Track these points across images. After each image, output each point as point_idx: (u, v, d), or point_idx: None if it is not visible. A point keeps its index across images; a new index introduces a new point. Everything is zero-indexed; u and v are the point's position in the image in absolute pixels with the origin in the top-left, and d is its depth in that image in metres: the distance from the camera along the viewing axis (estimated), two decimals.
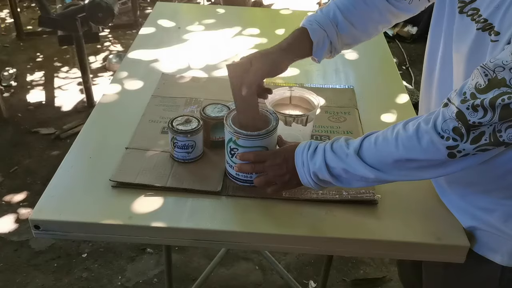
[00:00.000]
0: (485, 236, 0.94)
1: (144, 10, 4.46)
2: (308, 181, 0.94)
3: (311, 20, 1.05)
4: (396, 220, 1.01)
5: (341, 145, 0.90)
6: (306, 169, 0.93)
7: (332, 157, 0.90)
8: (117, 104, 1.35)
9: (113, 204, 1.02)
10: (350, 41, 1.10)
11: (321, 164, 0.90)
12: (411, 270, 1.31)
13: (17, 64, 3.58)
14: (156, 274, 2.06)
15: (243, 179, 1.05)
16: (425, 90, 1.04)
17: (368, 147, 0.87)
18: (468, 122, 0.74)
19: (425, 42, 1.04)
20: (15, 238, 2.21)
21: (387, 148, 0.85)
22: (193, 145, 1.09)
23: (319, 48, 1.05)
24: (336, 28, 1.05)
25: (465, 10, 0.82)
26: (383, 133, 0.87)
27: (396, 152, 0.83)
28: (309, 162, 0.92)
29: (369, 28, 1.10)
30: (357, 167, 0.87)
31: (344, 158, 0.89)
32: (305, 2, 4.54)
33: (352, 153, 0.87)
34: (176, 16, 1.90)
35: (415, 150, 0.81)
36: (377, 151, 0.86)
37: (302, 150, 0.94)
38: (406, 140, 0.82)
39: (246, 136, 0.99)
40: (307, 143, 0.95)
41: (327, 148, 0.91)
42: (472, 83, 0.74)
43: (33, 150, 2.75)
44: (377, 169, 0.86)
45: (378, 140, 0.86)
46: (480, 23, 0.78)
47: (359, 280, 2.07)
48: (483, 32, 0.78)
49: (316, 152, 0.92)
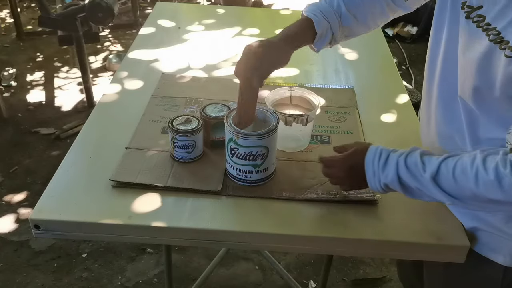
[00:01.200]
0: (487, 237, 0.94)
1: (144, 10, 4.45)
2: (377, 189, 0.92)
3: (315, 10, 1.03)
4: (396, 220, 1.01)
5: (416, 162, 0.86)
6: (377, 179, 0.90)
7: (406, 174, 0.87)
8: (117, 104, 1.35)
9: (113, 203, 1.02)
10: (350, 33, 1.09)
11: (393, 178, 0.88)
12: (411, 270, 1.31)
13: (17, 64, 3.57)
14: (156, 274, 2.06)
15: (243, 178, 1.05)
16: (427, 89, 1.03)
17: (446, 175, 0.83)
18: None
19: (425, 42, 1.03)
20: (15, 238, 2.21)
21: (466, 183, 0.81)
22: (193, 145, 1.09)
23: (322, 39, 1.04)
24: (339, 20, 1.04)
25: (471, 15, 0.81)
26: (462, 163, 0.82)
27: (476, 190, 0.80)
28: (381, 174, 0.89)
29: (369, 22, 1.09)
30: (433, 191, 0.84)
31: (419, 178, 0.85)
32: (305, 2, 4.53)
33: (429, 177, 0.84)
34: (176, 16, 1.90)
35: (497, 192, 0.78)
36: (456, 182, 0.82)
37: (373, 158, 0.91)
38: (487, 182, 0.78)
39: (247, 135, 0.99)
40: (377, 151, 0.91)
41: (400, 163, 0.87)
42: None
43: (33, 150, 2.75)
44: (455, 197, 0.84)
45: (456, 171, 0.82)
46: (492, 35, 0.77)
47: (359, 280, 2.07)
48: (495, 45, 0.76)
49: (388, 163, 0.89)
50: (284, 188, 1.06)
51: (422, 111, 1.09)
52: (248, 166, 1.03)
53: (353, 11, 1.05)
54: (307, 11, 1.04)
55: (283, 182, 1.08)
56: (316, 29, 1.02)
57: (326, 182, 1.06)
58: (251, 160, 1.02)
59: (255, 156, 1.02)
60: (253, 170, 1.04)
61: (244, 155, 1.02)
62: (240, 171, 1.04)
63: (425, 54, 1.03)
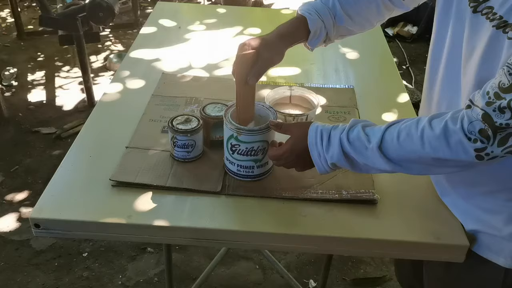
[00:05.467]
0: (488, 238, 0.94)
1: (144, 9, 4.46)
2: (325, 170, 0.94)
3: (310, 8, 1.04)
4: (396, 219, 1.01)
5: (359, 136, 0.88)
6: (323, 160, 0.92)
7: (350, 149, 0.88)
8: (118, 103, 1.35)
9: (113, 202, 1.02)
10: (345, 32, 1.09)
11: (339, 156, 0.89)
12: (410, 270, 1.31)
13: (17, 64, 3.58)
14: (157, 273, 2.06)
15: (245, 174, 1.05)
16: (427, 89, 1.03)
17: (390, 142, 0.85)
18: (495, 124, 0.73)
19: (426, 41, 1.04)
20: (16, 237, 2.21)
21: (411, 145, 0.82)
22: (193, 144, 1.09)
23: (315, 37, 1.05)
24: (334, 19, 1.05)
25: (479, 9, 0.81)
26: (406, 127, 0.84)
27: (422, 151, 0.81)
28: (326, 155, 0.91)
29: (364, 22, 1.10)
30: (378, 161, 0.86)
31: (363, 151, 0.87)
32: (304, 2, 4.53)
33: (375, 148, 0.85)
34: (177, 15, 1.90)
35: (443, 150, 0.79)
36: (401, 147, 0.84)
37: (315, 141, 0.92)
38: (434, 140, 0.79)
39: (248, 131, 1.00)
40: (317, 132, 0.92)
41: (343, 139, 0.89)
42: (496, 82, 0.73)
43: (33, 150, 2.75)
44: (398, 164, 0.85)
45: (401, 135, 0.84)
46: (495, 21, 0.76)
47: (359, 280, 2.07)
48: (497, 30, 0.76)
49: (330, 142, 0.90)
50: (284, 187, 1.06)
51: (421, 110, 1.09)
52: (250, 161, 1.04)
53: (348, 11, 1.05)
54: (301, 10, 1.05)
55: (283, 181, 1.08)
56: (310, 27, 1.03)
57: (326, 181, 1.07)
58: (252, 155, 1.03)
59: (256, 151, 1.02)
60: (254, 165, 1.04)
61: (246, 151, 1.02)
62: (241, 167, 1.05)
63: (426, 53, 1.03)
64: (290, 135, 0.99)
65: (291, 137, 0.98)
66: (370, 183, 1.07)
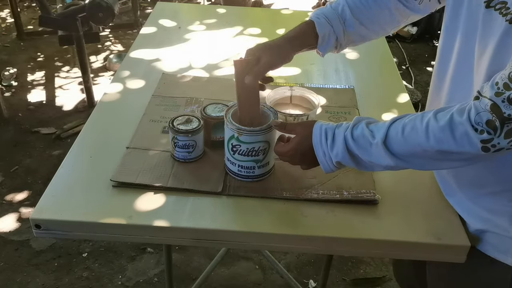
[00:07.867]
0: (495, 238, 0.93)
1: (144, 10, 4.46)
2: (330, 168, 0.94)
3: (319, 13, 1.05)
4: (397, 219, 1.01)
5: (363, 133, 0.88)
6: (328, 159, 0.93)
7: (355, 147, 0.88)
8: (118, 103, 1.35)
9: (113, 203, 1.02)
10: (357, 38, 1.09)
11: (344, 154, 0.90)
12: (412, 271, 1.30)
13: (17, 64, 3.58)
14: (157, 273, 2.06)
15: (246, 175, 1.05)
16: (435, 88, 1.02)
17: (395, 137, 0.84)
18: (503, 114, 0.72)
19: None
20: (16, 237, 2.21)
21: (416, 138, 0.82)
22: (194, 144, 1.09)
23: (325, 42, 1.05)
24: (344, 24, 1.05)
25: (492, 4, 0.80)
26: (410, 121, 0.84)
27: (426, 143, 0.81)
28: (331, 153, 0.91)
29: (377, 28, 1.10)
30: (381, 157, 0.86)
31: (368, 148, 0.87)
32: (305, 2, 4.53)
33: (380, 143, 0.85)
34: (177, 16, 1.90)
35: (448, 142, 0.78)
36: (406, 141, 0.83)
37: (320, 140, 0.92)
38: (438, 131, 0.79)
39: (249, 132, 1.00)
40: (322, 131, 0.92)
41: (347, 137, 0.89)
42: (505, 73, 0.72)
43: (33, 150, 2.75)
44: (401, 159, 0.85)
45: (406, 129, 0.83)
46: (509, 15, 0.76)
47: (359, 280, 2.08)
48: (510, 25, 0.75)
49: (335, 140, 0.91)
50: (284, 187, 1.06)
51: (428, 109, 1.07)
52: (251, 162, 1.04)
53: (359, 17, 1.05)
54: (312, 15, 1.06)
55: (284, 181, 1.08)
56: (318, 31, 1.03)
57: (327, 182, 1.07)
58: (253, 156, 1.03)
59: (257, 151, 1.02)
60: (255, 166, 1.04)
61: (247, 151, 1.02)
62: (242, 168, 1.05)
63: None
64: (295, 135, 0.99)
65: (296, 136, 0.98)
66: (371, 184, 1.07)
